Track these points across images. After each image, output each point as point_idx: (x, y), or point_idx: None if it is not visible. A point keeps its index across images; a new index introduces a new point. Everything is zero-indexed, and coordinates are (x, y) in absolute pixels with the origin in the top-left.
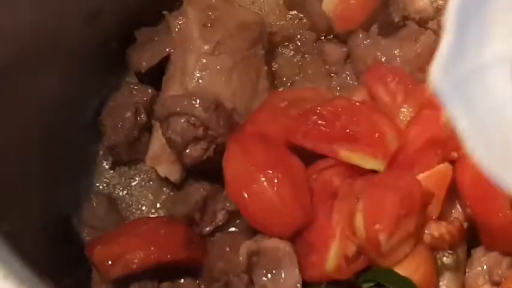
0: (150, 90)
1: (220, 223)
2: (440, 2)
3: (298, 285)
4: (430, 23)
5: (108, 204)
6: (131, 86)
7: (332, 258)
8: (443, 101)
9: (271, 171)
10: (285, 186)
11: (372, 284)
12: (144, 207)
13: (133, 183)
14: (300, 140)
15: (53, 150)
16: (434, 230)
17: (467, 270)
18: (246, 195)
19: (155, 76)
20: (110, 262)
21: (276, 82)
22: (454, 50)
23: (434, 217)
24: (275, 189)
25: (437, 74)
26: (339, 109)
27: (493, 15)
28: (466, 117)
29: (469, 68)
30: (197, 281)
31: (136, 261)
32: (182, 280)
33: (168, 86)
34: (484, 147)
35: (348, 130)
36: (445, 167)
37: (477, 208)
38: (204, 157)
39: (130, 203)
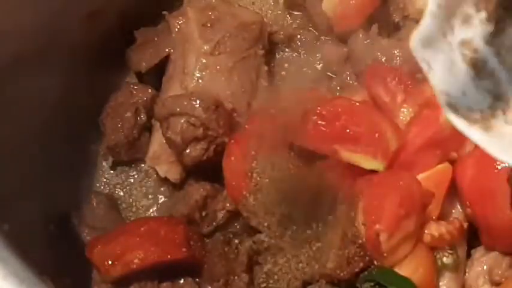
0: (150, 90)
1: (220, 223)
2: None
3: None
4: None
5: (108, 204)
6: (131, 86)
7: None
8: (423, 66)
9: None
10: None
11: (372, 284)
12: (144, 207)
13: (133, 183)
14: (300, 140)
15: (53, 150)
16: (434, 230)
17: (467, 270)
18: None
19: (155, 76)
20: (110, 262)
21: (276, 82)
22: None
23: (434, 217)
24: None
25: (416, 43)
26: (339, 109)
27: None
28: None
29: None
30: (197, 281)
31: (136, 261)
32: (182, 280)
33: (168, 86)
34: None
35: (348, 130)
36: (445, 167)
37: (477, 208)
38: (204, 157)
39: (130, 203)
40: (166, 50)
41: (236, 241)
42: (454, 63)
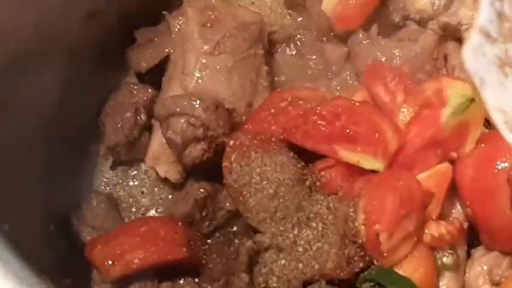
0: (150, 90)
1: (220, 223)
2: (439, 2)
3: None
4: (430, 23)
5: (108, 204)
6: (131, 86)
7: None
8: (475, 80)
9: None
10: None
11: (372, 284)
12: (144, 207)
13: (133, 183)
14: (300, 140)
15: (53, 150)
16: (434, 230)
17: (467, 270)
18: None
19: (155, 76)
20: (110, 262)
21: (276, 82)
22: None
23: (434, 217)
24: None
25: (469, 56)
26: (339, 109)
27: None
28: (493, 96)
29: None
30: (197, 281)
31: (136, 261)
32: (182, 280)
33: (168, 86)
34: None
35: (348, 130)
36: (445, 167)
37: (477, 208)
38: (204, 157)
39: (130, 203)
40: (166, 50)
41: (236, 241)
42: (506, 76)
